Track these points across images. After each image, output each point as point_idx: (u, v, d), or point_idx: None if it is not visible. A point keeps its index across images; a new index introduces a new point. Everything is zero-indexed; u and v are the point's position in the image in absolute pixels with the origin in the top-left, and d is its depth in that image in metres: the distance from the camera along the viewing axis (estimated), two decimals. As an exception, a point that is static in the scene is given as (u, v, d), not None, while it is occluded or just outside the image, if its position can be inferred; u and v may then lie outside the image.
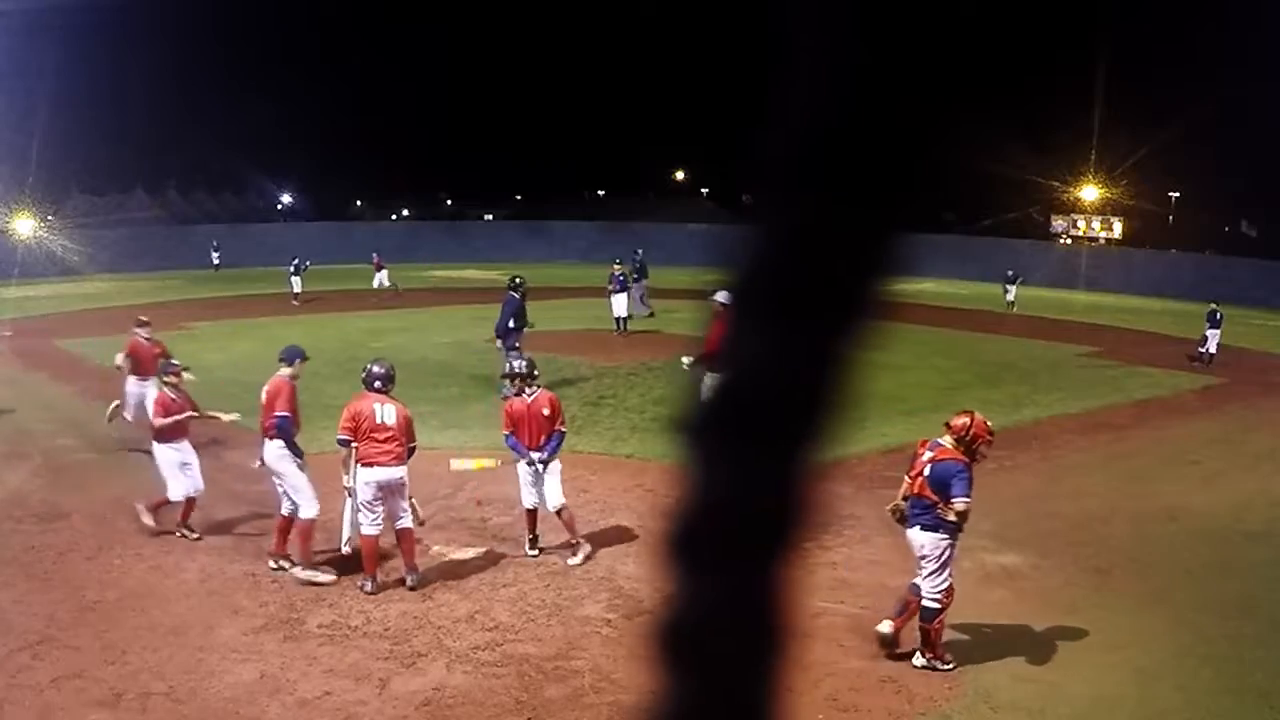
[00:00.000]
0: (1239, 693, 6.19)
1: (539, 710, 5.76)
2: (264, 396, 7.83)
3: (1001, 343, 21.19)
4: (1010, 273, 29.71)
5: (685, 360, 12.15)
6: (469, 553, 8.19)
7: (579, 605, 7.24)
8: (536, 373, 8.30)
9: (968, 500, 6.26)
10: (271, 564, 7.74)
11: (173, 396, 8.60)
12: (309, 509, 7.67)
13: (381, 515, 7.47)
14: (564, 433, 8.21)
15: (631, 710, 5.77)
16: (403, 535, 7.52)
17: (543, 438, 7.99)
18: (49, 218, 40.84)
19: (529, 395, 8.07)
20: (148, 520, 8.41)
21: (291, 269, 27.59)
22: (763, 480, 0.53)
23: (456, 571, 7.81)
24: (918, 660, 6.38)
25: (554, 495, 8.00)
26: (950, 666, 6.36)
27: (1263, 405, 16.34)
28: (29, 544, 8.22)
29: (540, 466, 7.96)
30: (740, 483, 0.54)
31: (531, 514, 8.13)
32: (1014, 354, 20.32)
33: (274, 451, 7.71)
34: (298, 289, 27.30)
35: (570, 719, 5.70)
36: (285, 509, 7.78)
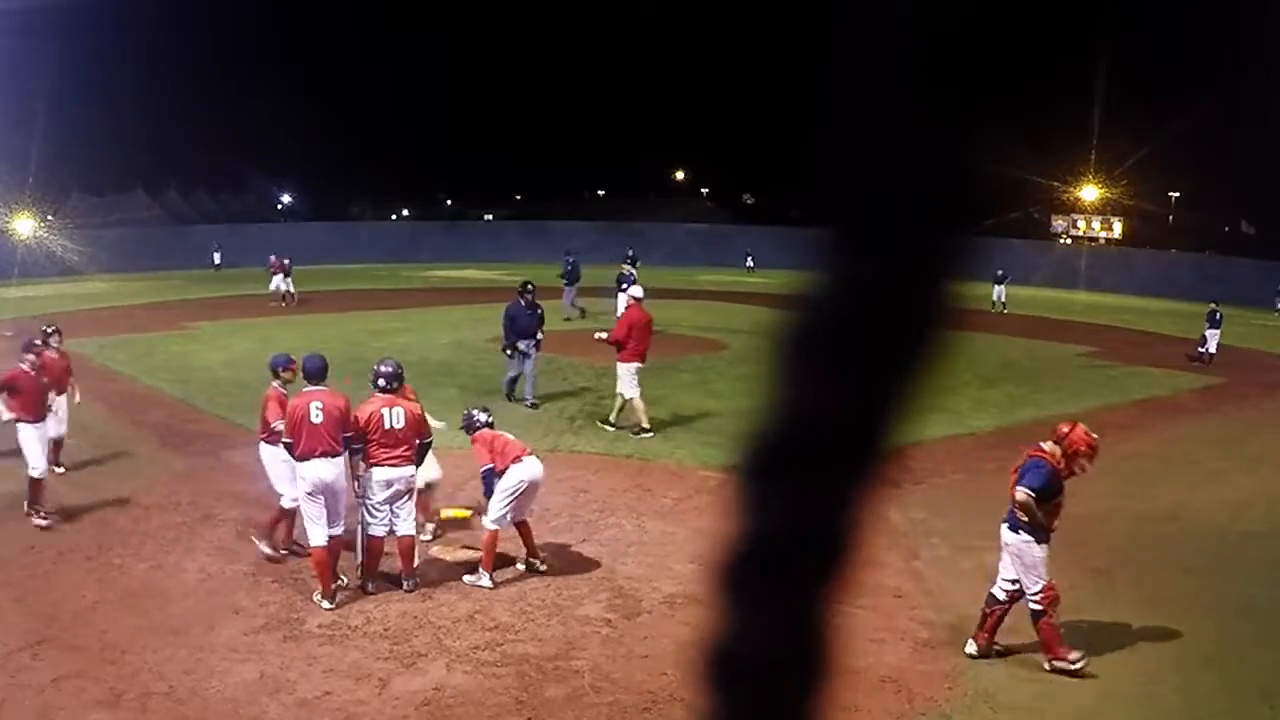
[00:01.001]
0: (1239, 693, 6.19)
1: (539, 710, 5.76)
2: (319, 414, 7.24)
3: (1001, 343, 21.20)
4: (999, 272, 29.48)
5: (599, 335, 12.73)
6: (469, 553, 8.18)
7: (579, 605, 7.24)
8: (473, 424, 8.06)
9: (1026, 492, 6.28)
10: (370, 586, 7.42)
11: (285, 394, 8.00)
12: (340, 528, 7.45)
13: (388, 516, 7.45)
14: (484, 468, 7.81)
15: (635, 710, 5.77)
16: (402, 542, 7.52)
17: None
18: (49, 218, 40.83)
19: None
20: (266, 549, 7.92)
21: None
22: (819, 507, 0.54)
23: (456, 572, 7.80)
24: (1047, 665, 6.37)
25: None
26: (1079, 663, 6.28)
27: (1263, 405, 16.36)
28: (29, 544, 8.22)
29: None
30: (797, 509, 0.54)
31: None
32: (1014, 354, 20.31)
33: (336, 469, 7.33)
34: (286, 290, 27.05)
35: (570, 719, 5.70)
36: (338, 530, 7.42)
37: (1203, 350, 20.69)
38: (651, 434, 12.22)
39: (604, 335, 12.58)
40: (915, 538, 8.72)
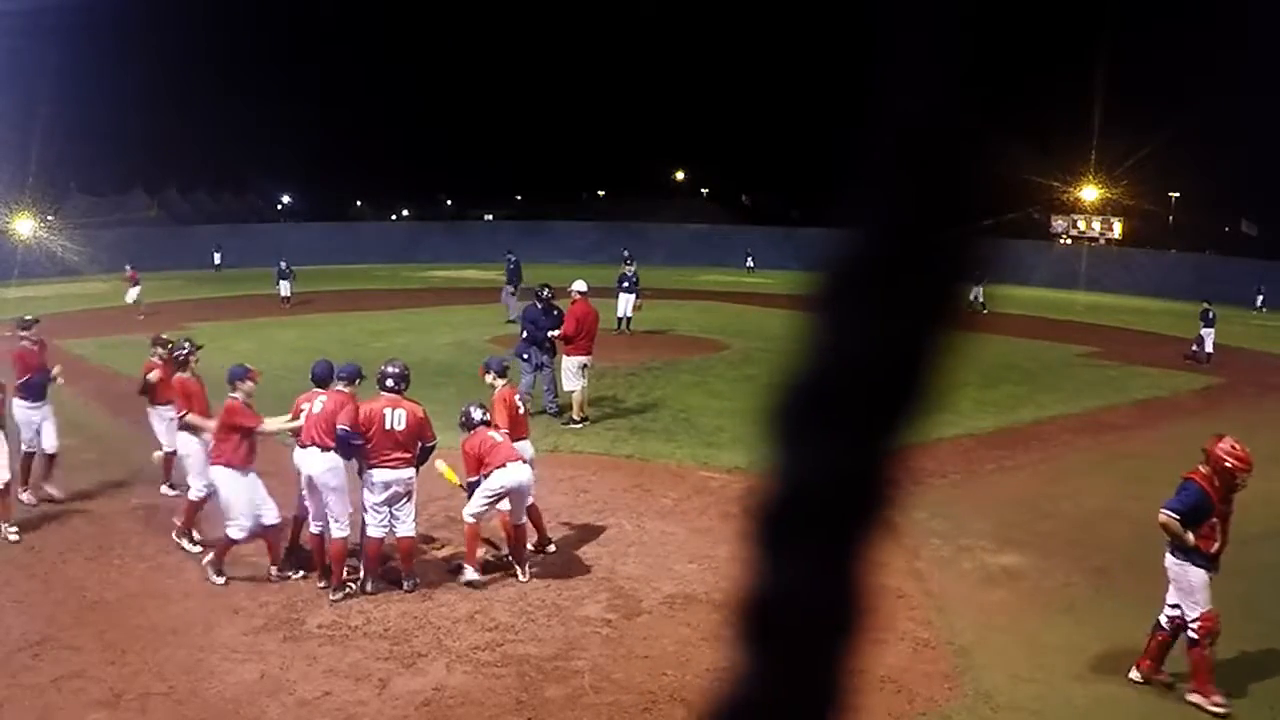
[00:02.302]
0: (1239, 693, 6.19)
1: (539, 710, 5.76)
2: (319, 405, 7.48)
3: (1001, 343, 21.22)
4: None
5: (551, 332, 12.98)
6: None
7: (579, 605, 7.24)
8: (470, 421, 7.84)
9: (1169, 514, 6.00)
10: (370, 586, 7.40)
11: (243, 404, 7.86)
12: (344, 529, 7.46)
13: (387, 516, 7.45)
14: (470, 480, 7.74)
15: (635, 710, 5.77)
16: (402, 543, 7.52)
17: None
18: (49, 218, 40.84)
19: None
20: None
21: (277, 273, 27.13)
22: (847, 466, 0.54)
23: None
24: (1190, 696, 6.04)
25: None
26: (1220, 709, 5.91)
27: (1263, 405, 16.35)
28: (29, 544, 8.22)
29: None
30: (825, 468, 0.54)
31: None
32: (1014, 354, 20.32)
33: (325, 464, 7.40)
34: (285, 293, 26.74)
35: (570, 719, 5.70)
36: (315, 528, 7.53)
37: (1197, 349, 20.83)
38: (580, 425, 12.48)
39: (555, 331, 12.87)
40: (915, 538, 8.72)
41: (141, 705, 5.70)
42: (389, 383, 7.55)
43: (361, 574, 7.49)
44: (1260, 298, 35.23)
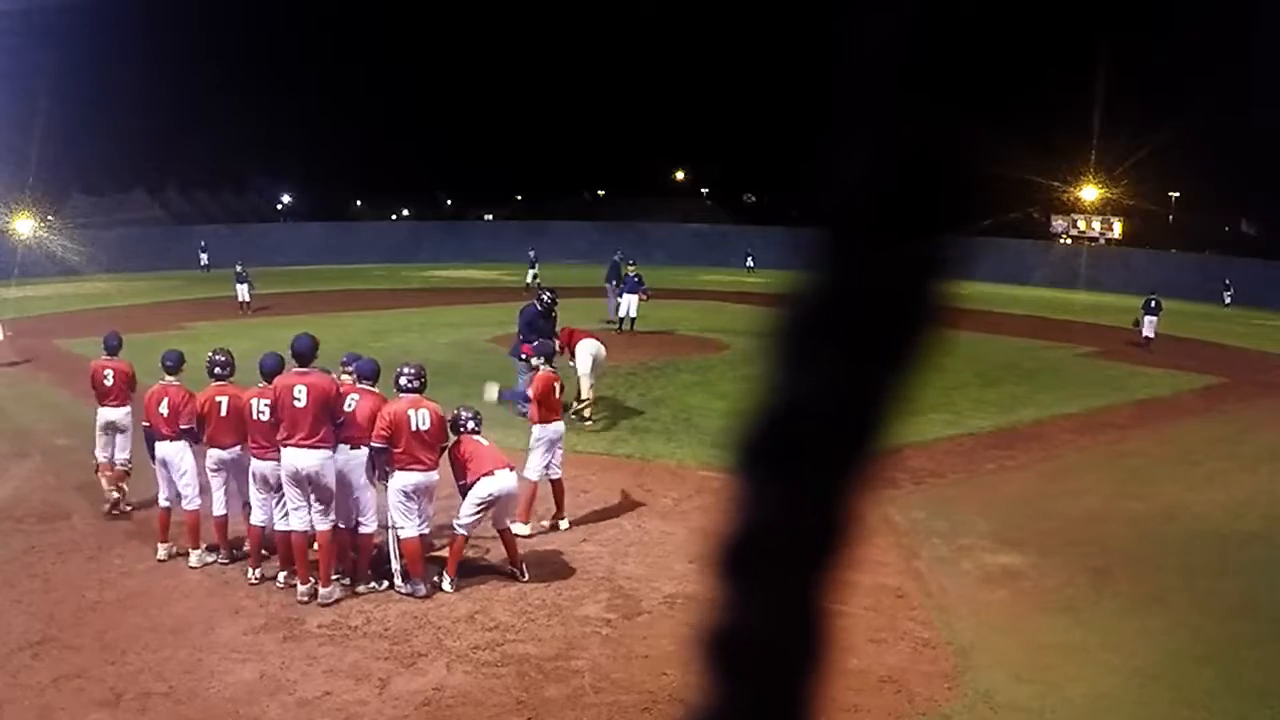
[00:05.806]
0: (1238, 693, 6.19)
1: (539, 710, 5.76)
2: (351, 406, 7.52)
3: (1001, 343, 21.23)
4: None
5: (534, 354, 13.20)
6: (469, 552, 8.17)
7: (579, 605, 7.24)
8: (459, 425, 7.82)
9: None
10: (361, 587, 7.43)
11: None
12: (372, 524, 7.51)
13: (417, 514, 7.40)
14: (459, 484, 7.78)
15: (635, 710, 5.77)
16: (410, 543, 7.50)
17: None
18: (49, 218, 40.85)
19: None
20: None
21: (235, 277, 25.66)
22: (812, 497, 0.54)
23: (457, 571, 7.80)
24: None
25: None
26: None
27: (1263, 405, 16.36)
28: (29, 544, 8.22)
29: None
30: (790, 499, 0.55)
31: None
32: (1014, 354, 20.34)
33: (355, 462, 7.44)
34: (244, 297, 25.19)
35: (570, 719, 5.70)
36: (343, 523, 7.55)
37: (1147, 336, 21.96)
38: (588, 422, 12.80)
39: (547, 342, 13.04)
40: (915, 538, 8.73)
41: (141, 705, 5.70)
42: (402, 382, 7.54)
43: (402, 575, 7.43)
44: (1228, 294, 35.53)
